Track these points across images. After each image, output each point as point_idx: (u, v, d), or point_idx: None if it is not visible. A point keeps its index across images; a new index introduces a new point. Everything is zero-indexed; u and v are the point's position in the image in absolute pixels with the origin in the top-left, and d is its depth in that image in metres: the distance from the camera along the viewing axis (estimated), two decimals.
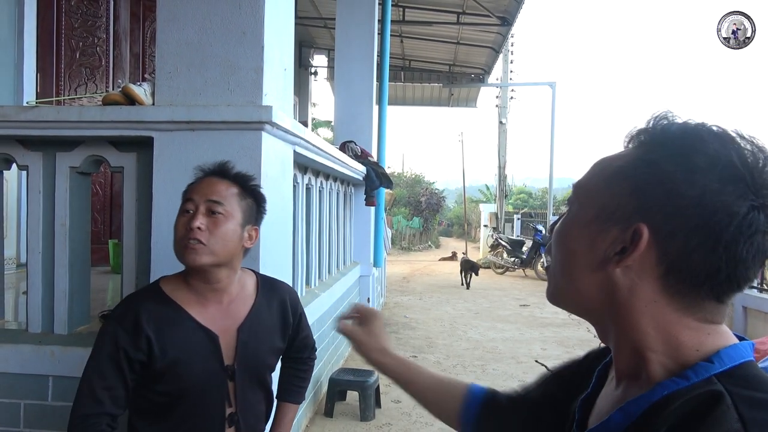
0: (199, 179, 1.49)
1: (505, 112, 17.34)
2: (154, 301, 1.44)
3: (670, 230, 0.61)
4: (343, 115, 6.62)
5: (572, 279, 0.69)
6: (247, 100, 2.05)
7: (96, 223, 4.69)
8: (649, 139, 0.67)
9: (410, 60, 12.38)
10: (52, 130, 2.14)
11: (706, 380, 0.59)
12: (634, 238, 0.63)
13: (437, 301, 9.20)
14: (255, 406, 1.53)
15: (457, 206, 34.03)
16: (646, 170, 0.64)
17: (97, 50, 4.79)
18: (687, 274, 0.61)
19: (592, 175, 0.71)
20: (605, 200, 0.67)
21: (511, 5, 8.63)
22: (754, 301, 6.27)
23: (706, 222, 0.59)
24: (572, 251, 0.69)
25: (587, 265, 0.67)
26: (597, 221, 0.67)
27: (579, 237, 0.69)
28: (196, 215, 1.39)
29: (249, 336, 1.49)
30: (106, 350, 1.37)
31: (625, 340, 0.67)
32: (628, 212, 0.64)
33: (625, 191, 0.65)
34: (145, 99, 2.13)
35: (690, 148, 0.62)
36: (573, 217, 0.71)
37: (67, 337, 2.22)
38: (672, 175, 0.62)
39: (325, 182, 4.33)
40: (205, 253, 1.38)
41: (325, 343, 4.25)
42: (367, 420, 3.79)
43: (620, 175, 0.66)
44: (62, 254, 2.23)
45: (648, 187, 0.63)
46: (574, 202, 0.71)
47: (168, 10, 2.10)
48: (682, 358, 0.62)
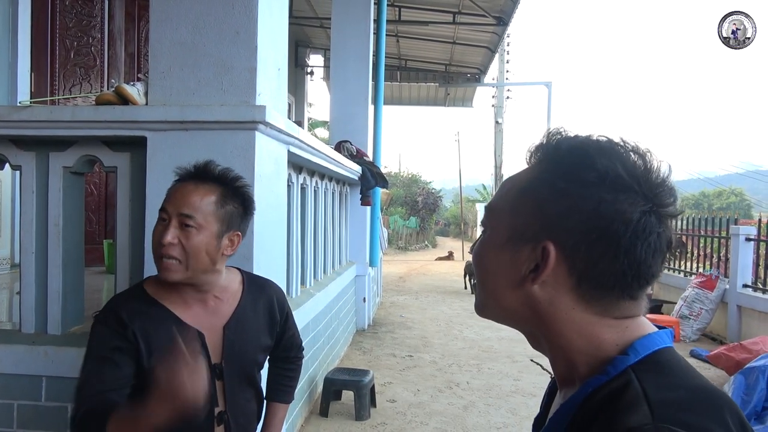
0: (176, 184, 1.43)
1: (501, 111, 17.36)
2: (137, 301, 1.43)
3: (574, 244, 0.65)
4: (339, 115, 6.62)
5: (495, 297, 0.73)
6: (240, 100, 2.05)
7: (91, 223, 4.68)
8: (544, 157, 0.71)
9: (406, 60, 12.38)
10: (46, 129, 2.14)
11: (623, 372, 0.63)
12: (543, 255, 0.67)
13: (433, 300, 9.20)
14: (244, 404, 1.52)
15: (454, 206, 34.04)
16: (544, 189, 0.68)
17: (91, 50, 4.78)
18: (597, 281, 0.66)
19: (500, 196, 0.75)
20: (514, 222, 0.70)
21: (506, 5, 8.63)
22: (748, 300, 6.29)
23: (605, 232, 0.64)
24: (491, 272, 0.73)
25: (507, 284, 0.71)
26: (509, 243, 0.70)
27: (495, 259, 0.72)
28: (168, 228, 1.35)
29: (235, 334, 1.48)
30: (96, 350, 1.37)
31: (555, 347, 0.71)
32: (535, 231, 0.68)
33: (530, 211, 0.69)
34: (139, 99, 2.13)
35: (579, 164, 0.66)
36: (488, 239, 0.74)
37: (60, 338, 2.22)
38: (567, 191, 0.66)
39: (320, 182, 4.33)
40: (178, 270, 1.37)
41: (320, 342, 4.25)
42: (363, 419, 3.79)
43: (523, 196, 0.71)
44: (55, 254, 2.22)
45: (548, 205, 0.67)
46: (488, 225, 0.75)
47: (161, 10, 2.09)
48: (603, 355, 0.66)
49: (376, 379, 4.29)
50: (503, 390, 4.58)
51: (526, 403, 4.29)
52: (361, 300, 6.49)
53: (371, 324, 6.84)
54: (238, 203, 1.45)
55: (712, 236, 7.49)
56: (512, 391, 4.55)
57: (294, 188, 3.40)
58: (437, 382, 4.74)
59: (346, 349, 5.59)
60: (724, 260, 6.99)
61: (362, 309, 6.51)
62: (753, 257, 6.58)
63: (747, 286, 6.44)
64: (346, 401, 4.00)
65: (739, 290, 6.44)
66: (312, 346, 3.94)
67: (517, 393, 4.52)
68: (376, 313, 7.55)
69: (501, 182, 4.56)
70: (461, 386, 4.64)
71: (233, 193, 1.44)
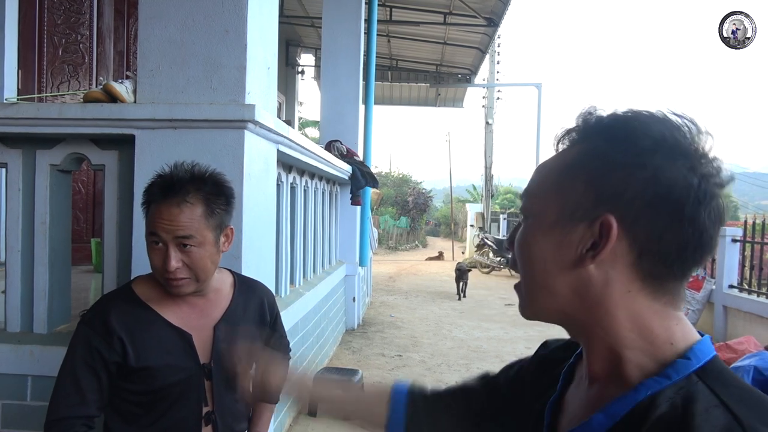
0: (155, 204, 1.36)
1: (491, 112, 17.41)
2: (125, 303, 1.43)
3: (635, 215, 0.62)
4: (330, 115, 6.62)
5: (545, 286, 0.68)
6: (229, 99, 2.05)
7: (78, 221, 4.64)
8: (585, 134, 0.68)
9: (397, 60, 12.40)
10: (32, 127, 2.12)
11: (687, 378, 0.61)
12: (603, 230, 0.63)
13: (423, 300, 9.22)
14: (233, 405, 1.52)
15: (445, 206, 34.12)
16: (595, 163, 0.65)
17: (80, 47, 4.74)
18: (659, 254, 0.62)
19: (540, 180, 0.71)
20: (562, 201, 0.66)
21: (497, 6, 8.67)
22: (734, 301, 6.36)
23: (667, 199, 0.61)
24: (541, 259, 0.68)
25: (559, 269, 0.66)
26: (560, 223, 0.66)
27: (544, 243, 0.68)
28: (168, 255, 1.33)
29: (225, 334, 1.47)
30: (78, 354, 1.37)
31: (601, 339, 0.66)
32: (588, 207, 0.64)
33: (580, 187, 0.65)
34: (127, 97, 2.11)
35: (632, 132, 0.63)
36: (532, 225, 0.70)
37: (46, 337, 2.20)
38: (622, 161, 0.63)
39: (310, 181, 4.33)
40: (190, 285, 1.39)
41: (309, 342, 4.25)
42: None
43: (570, 172, 0.67)
44: (42, 253, 2.20)
45: (602, 177, 0.64)
46: (530, 211, 0.71)
47: (150, 8, 2.08)
48: (659, 354, 0.63)
49: (365, 379, 4.29)
50: None
51: None
52: (351, 300, 6.49)
53: (361, 324, 6.84)
54: (222, 202, 1.42)
55: None
56: None
57: (284, 187, 3.39)
58: (426, 381, 4.74)
59: (335, 348, 5.59)
60: (710, 261, 7.06)
61: (352, 309, 6.51)
62: (739, 258, 6.65)
63: (733, 287, 6.50)
64: None
65: (725, 291, 6.51)
66: (301, 345, 3.94)
67: None
68: (365, 312, 7.55)
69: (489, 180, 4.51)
70: None
71: (215, 194, 1.41)
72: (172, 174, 1.39)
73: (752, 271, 6.36)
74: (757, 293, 6.16)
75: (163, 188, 1.36)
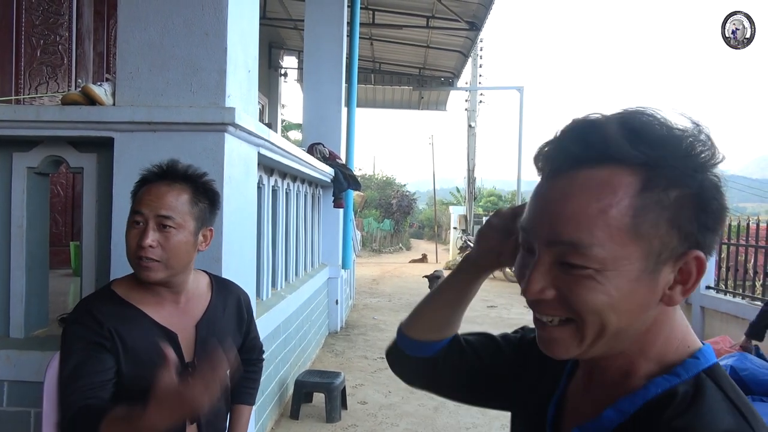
0: (146, 185, 1.43)
1: (474, 115, 17.51)
2: (108, 302, 1.43)
3: (704, 241, 0.62)
4: (312, 117, 6.62)
5: (620, 331, 0.63)
6: (209, 102, 2.05)
7: (57, 224, 4.58)
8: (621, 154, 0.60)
9: (380, 63, 12.41)
10: (9, 129, 2.10)
11: (696, 376, 0.63)
12: (689, 266, 0.62)
13: (406, 302, 9.23)
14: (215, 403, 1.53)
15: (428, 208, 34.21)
16: (673, 194, 0.60)
17: (59, 48, 4.69)
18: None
19: (590, 223, 0.60)
20: (646, 246, 0.60)
21: (479, 10, 8.73)
22: (711, 301, 6.47)
23: (721, 224, 0.62)
24: (626, 309, 0.62)
25: (642, 312, 0.63)
26: (647, 270, 0.61)
27: (631, 293, 0.61)
28: (146, 231, 1.36)
29: (208, 333, 1.50)
30: (76, 349, 1.35)
31: (623, 353, 0.66)
32: (675, 246, 0.61)
33: (663, 228, 0.60)
34: (106, 99, 2.10)
35: (686, 147, 0.61)
36: (611, 277, 0.60)
37: (23, 341, 2.18)
38: (690, 188, 0.60)
39: (292, 184, 4.32)
40: (159, 270, 1.38)
41: (291, 345, 4.24)
42: (333, 421, 3.79)
43: (647, 215, 0.60)
44: (19, 256, 2.18)
45: (681, 214, 0.60)
46: (599, 262, 0.60)
47: (129, 10, 2.08)
48: (670, 354, 0.65)
49: (348, 381, 4.29)
50: None
51: None
52: (334, 302, 6.49)
53: (343, 326, 6.83)
54: (207, 200, 1.47)
55: None
56: None
57: (265, 190, 3.39)
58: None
59: (318, 351, 5.58)
60: None
61: (335, 311, 6.50)
62: (716, 260, 6.77)
63: (710, 288, 6.62)
64: (317, 403, 4.00)
65: (703, 292, 6.62)
66: (283, 348, 3.93)
67: None
68: (348, 315, 7.55)
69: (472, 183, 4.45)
70: None
71: (203, 190, 1.46)
72: (170, 163, 1.46)
73: (728, 272, 6.47)
74: (734, 294, 6.27)
75: (158, 173, 1.44)
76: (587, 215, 0.60)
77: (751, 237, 6.40)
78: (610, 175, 0.60)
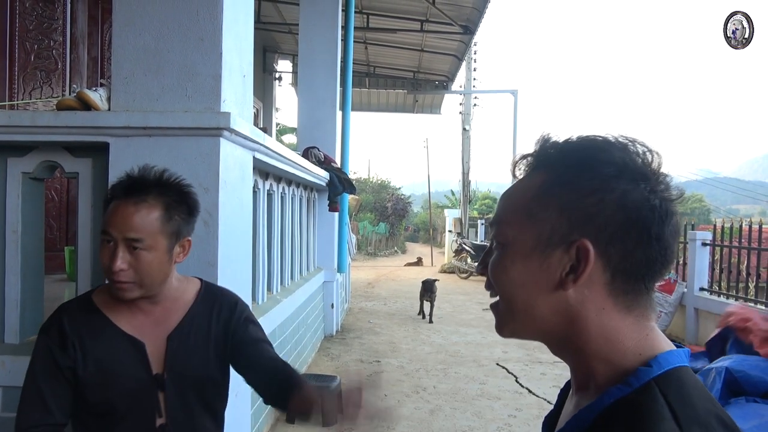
0: (114, 201, 1.34)
1: (468, 118, 17.56)
2: (80, 310, 1.42)
3: (608, 238, 0.66)
4: (307, 121, 6.62)
5: (526, 309, 0.71)
6: (205, 107, 2.05)
7: (51, 229, 4.57)
8: (546, 161, 0.72)
9: (374, 66, 12.44)
10: (4, 135, 2.10)
11: (645, 384, 0.64)
12: (580, 254, 0.67)
13: (402, 306, 9.23)
14: (191, 419, 1.45)
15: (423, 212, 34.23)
16: (564, 191, 0.69)
17: (53, 53, 4.68)
18: (630, 272, 0.67)
19: (510, 208, 0.74)
20: (538, 228, 0.70)
21: (473, 14, 8.77)
22: (704, 303, 6.51)
23: (636, 221, 0.66)
24: (521, 284, 0.71)
25: (539, 292, 0.70)
26: (537, 249, 0.70)
27: (524, 269, 0.71)
28: (116, 254, 1.29)
29: (179, 344, 1.43)
30: (38, 363, 1.37)
31: (578, 351, 0.71)
32: (564, 233, 0.68)
33: (554, 214, 0.69)
34: (101, 104, 2.11)
35: (595, 159, 0.68)
36: (509, 252, 0.72)
37: (18, 347, 2.17)
38: (590, 187, 0.67)
39: (287, 188, 4.33)
40: (134, 289, 1.34)
41: (287, 349, 4.24)
42: (329, 425, 3.78)
43: (543, 200, 0.70)
44: (13, 262, 2.18)
45: (574, 203, 0.68)
46: (504, 238, 0.73)
47: (124, 15, 2.08)
48: (626, 364, 0.67)
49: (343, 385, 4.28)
50: (469, 394, 4.64)
51: (491, 406, 4.35)
52: (329, 306, 6.49)
53: (339, 330, 6.83)
54: (183, 210, 1.39)
55: None
56: (478, 395, 4.61)
57: (260, 194, 3.39)
58: (404, 386, 4.77)
59: (314, 355, 5.58)
60: (682, 264, 7.21)
61: (330, 315, 6.50)
62: (709, 261, 6.80)
63: (703, 290, 6.65)
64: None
65: (696, 293, 6.65)
66: (279, 352, 3.90)
67: (482, 396, 4.58)
68: (344, 319, 7.54)
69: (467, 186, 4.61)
70: (428, 390, 4.68)
71: (177, 201, 1.38)
72: (139, 174, 1.37)
73: (722, 273, 6.51)
74: (727, 295, 6.31)
75: (127, 187, 1.34)
76: (510, 200, 0.75)
77: (743, 239, 6.44)
78: (533, 175, 0.73)
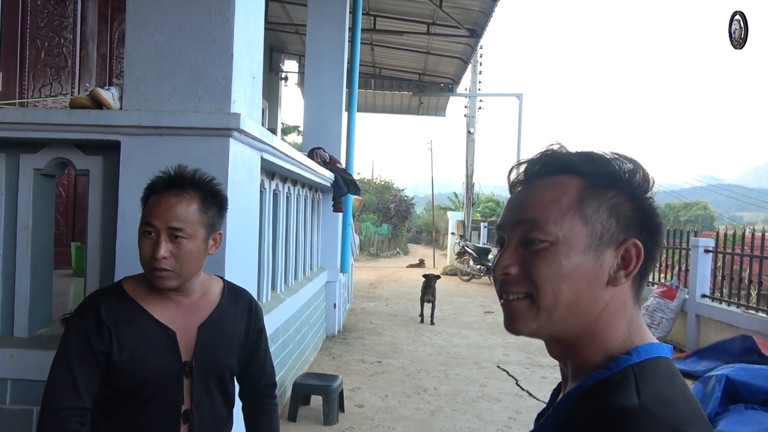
0: (155, 195, 1.45)
1: (473, 121, 17.58)
2: (114, 297, 1.48)
3: (645, 239, 0.75)
4: (313, 122, 6.65)
5: (569, 303, 0.74)
6: (215, 107, 2.08)
7: (58, 225, 4.61)
8: (572, 166, 0.78)
9: (380, 68, 12.48)
10: (17, 131, 2.13)
11: (623, 369, 0.71)
12: (630, 253, 0.74)
13: (403, 307, 9.26)
14: (213, 407, 1.54)
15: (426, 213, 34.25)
16: (609, 194, 0.76)
17: (63, 51, 4.73)
18: (648, 269, 0.77)
19: (553, 208, 0.75)
20: (589, 228, 0.75)
21: (479, 17, 8.80)
22: (706, 310, 6.52)
23: (658, 225, 0.77)
24: (574, 279, 0.73)
25: (588, 286, 0.74)
26: (591, 248, 0.74)
27: (579, 265, 0.74)
28: (159, 243, 1.39)
29: (210, 335, 1.52)
30: (72, 346, 1.41)
31: (585, 345, 0.76)
32: (613, 232, 0.75)
33: (604, 215, 0.75)
34: (113, 103, 2.14)
35: (621, 170, 0.77)
36: (561, 249, 0.74)
37: (27, 340, 2.21)
38: (629, 193, 0.76)
39: (292, 188, 4.36)
40: (173, 278, 1.43)
41: (290, 348, 4.27)
42: (331, 424, 3.82)
43: (590, 203, 0.75)
44: (24, 257, 2.21)
45: (620, 207, 0.76)
46: (547, 236, 0.74)
47: (138, 17, 2.12)
48: (613, 349, 0.74)
49: (345, 385, 4.32)
50: (469, 395, 4.66)
51: (491, 408, 4.37)
52: (332, 306, 6.52)
53: (341, 330, 6.86)
54: (216, 205, 1.50)
55: (674, 247, 7.73)
56: (478, 397, 4.64)
57: (266, 194, 3.43)
58: (405, 387, 4.80)
59: (315, 354, 5.61)
60: (684, 271, 7.22)
61: (332, 315, 6.53)
62: (711, 268, 6.81)
63: (705, 296, 6.66)
64: (315, 406, 4.03)
65: (698, 300, 6.66)
66: (281, 351, 3.96)
67: (482, 398, 4.60)
68: (346, 319, 7.57)
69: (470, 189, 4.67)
70: (429, 392, 4.71)
71: (211, 196, 1.49)
72: (176, 172, 1.48)
73: (724, 281, 6.52)
74: (728, 302, 6.32)
75: (167, 182, 1.45)
76: (544, 201, 0.76)
77: (746, 246, 6.45)
78: (562, 179, 0.77)
